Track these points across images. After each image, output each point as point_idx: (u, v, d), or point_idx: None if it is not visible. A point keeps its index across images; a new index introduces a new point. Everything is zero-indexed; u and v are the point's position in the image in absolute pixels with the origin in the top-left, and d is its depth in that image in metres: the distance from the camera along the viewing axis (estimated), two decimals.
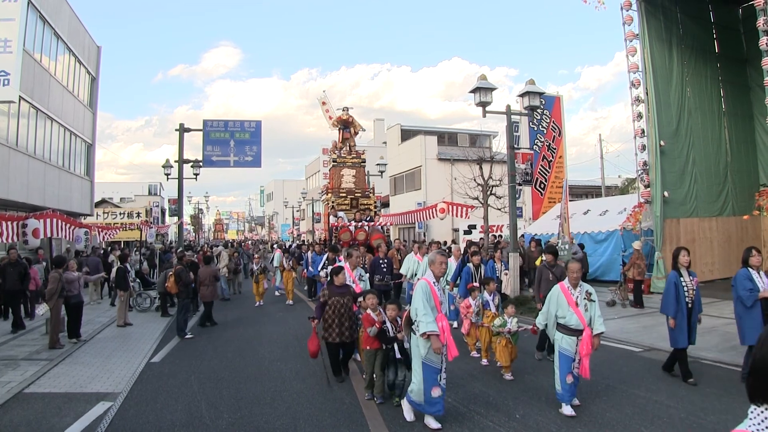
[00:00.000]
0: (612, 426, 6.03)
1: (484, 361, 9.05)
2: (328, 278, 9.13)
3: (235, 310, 16.28)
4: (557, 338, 6.75)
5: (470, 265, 10.70)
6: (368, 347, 7.20)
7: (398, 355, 6.90)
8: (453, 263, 11.79)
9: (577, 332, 6.56)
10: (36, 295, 14.47)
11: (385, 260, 13.50)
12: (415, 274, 13.56)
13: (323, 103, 28.47)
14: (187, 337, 11.87)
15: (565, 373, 6.51)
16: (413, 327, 6.23)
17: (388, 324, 7.06)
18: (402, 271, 14.24)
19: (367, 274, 10.86)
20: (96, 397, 7.48)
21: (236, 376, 8.58)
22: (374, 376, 7.20)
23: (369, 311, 7.24)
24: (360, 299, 7.97)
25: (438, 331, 5.96)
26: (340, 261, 11.38)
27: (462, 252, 13.16)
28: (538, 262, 16.28)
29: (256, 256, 18.91)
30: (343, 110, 23.51)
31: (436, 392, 6.08)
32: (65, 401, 7.36)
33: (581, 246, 16.72)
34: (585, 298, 6.62)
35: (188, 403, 7.21)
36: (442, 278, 6.59)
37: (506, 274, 11.96)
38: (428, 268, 6.53)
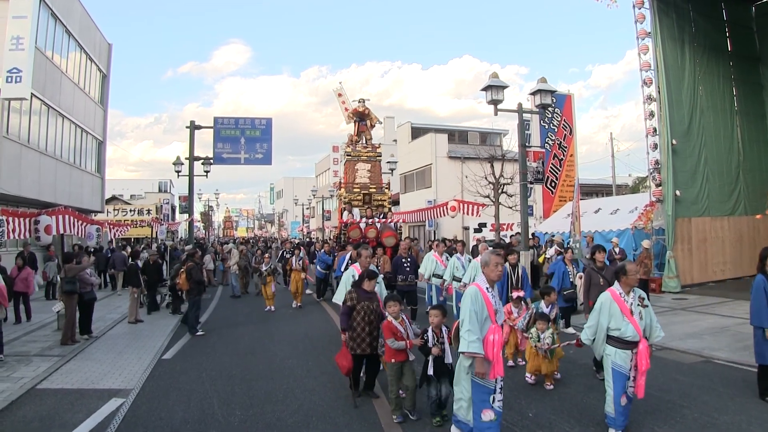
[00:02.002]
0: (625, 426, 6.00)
1: (530, 378, 7.75)
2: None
3: (245, 307, 16.31)
4: (609, 353, 5.84)
5: (507, 265, 9.55)
6: (393, 360, 6.41)
7: (430, 372, 6.05)
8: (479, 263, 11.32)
9: (632, 345, 5.71)
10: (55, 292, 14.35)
11: (409, 259, 12.90)
12: (439, 276, 13.15)
13: (339, 95, 27.96)
14: (198, 334, 11.89)
15: (620, 393, 5.69)
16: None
17: (429, 332, 6.21)
18: (420, 270, 13.65)
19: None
20: (108, 394, 7.51)
21: (248, 373, 8.59)
22: (400, 392, 6.42)
23: (390, 319, 6.51)
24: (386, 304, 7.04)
25: (481, 353, 5.12)
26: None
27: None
28: (541, 260, 16.20)
29: (266, 255, 17.79)
30: (360, 102, 22.88)
31: (487, 415, 5.25)
32: (77, 397, 7.39)
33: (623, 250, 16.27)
34: (638, 304, 5.80)
35: (200, 400, 7.23)
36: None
37: (581, 278, 10.38)
38: (479, 272, 5.71)
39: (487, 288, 5.42)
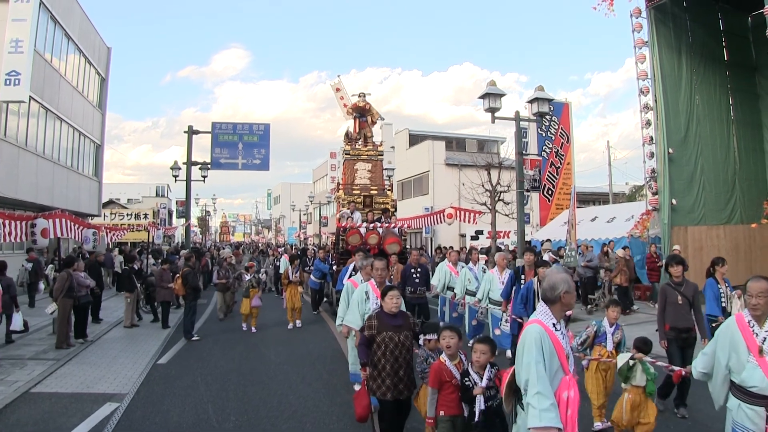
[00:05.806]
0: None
1: (598, 425, 6.16)
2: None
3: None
4: (731, 407, 4.14)
5: (535, 279, 8.35)
6: (442, 413, 4.76)
7: (477, 418, 4.49)
8: (496, 275, 10.32)
9: (763, 399, 3.88)
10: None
11: (418, 268, 11.51)
12: (451, 288, 12.16)
13: (337, 90, 27.14)
14: (193, 339, 11.87)
15: None
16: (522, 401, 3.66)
17: (473, 373, 4.65)
18: (432, 281, 12.40)
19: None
20: (103, 398, 7.50)
21: (243, 379, 8.59)
22: None
23: (444, 359, 4.86)
24: (425, 335, 5.57)
25: (558, 425, 3.42)
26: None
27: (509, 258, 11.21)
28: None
29: (250, 263, 15.47)
30: (360, 96, 20.93)
31: None
32: (72, 401, 7.38)
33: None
34: None
35: (195, 405, 7.22)
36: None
37: (739, 296, 7.77)
38: (542, 303, 3.87)
39: (554, 324, 3.72)
